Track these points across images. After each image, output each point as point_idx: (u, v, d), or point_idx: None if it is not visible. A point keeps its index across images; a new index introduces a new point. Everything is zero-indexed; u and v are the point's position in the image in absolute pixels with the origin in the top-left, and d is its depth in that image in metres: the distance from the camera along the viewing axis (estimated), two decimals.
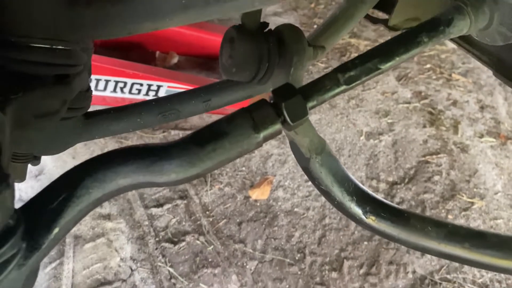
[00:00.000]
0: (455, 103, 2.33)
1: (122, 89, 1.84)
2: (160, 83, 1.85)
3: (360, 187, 0.69)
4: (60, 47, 0.52)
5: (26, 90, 0.50)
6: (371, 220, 0.69)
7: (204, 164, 0.50)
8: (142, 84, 1.84)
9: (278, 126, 0.52)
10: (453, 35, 0.58)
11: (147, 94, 1.87)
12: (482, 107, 2.34)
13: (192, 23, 0.51)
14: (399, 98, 2.28)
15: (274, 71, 0.62)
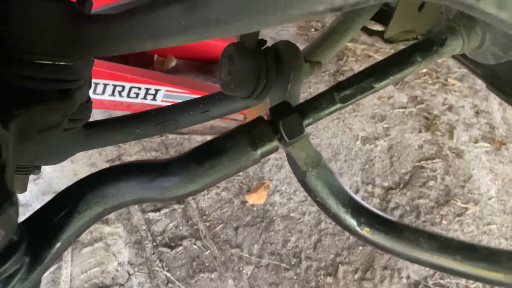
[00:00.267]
0: (450, 108, 2.35)
1: (120, 93, 1.84)
2: (158, 87, 1.85)
3: (355, 199, 0.70)
4: (62, 63, 0.53)
5: (29, 106, 0.51)
6: (365, 231, 0.70)
7: (202, 181, 0.51)
8: (140, 88, 1.85)
9: (275, 143, 0.53)
10: (446, 54, 0.60)
11: (145, 98, 1.87)
12: (477, 112, 2.36)
13: (193, 42, 0.52)
14: (395, 102, 2.30)
15: (271, 87, 0.63)
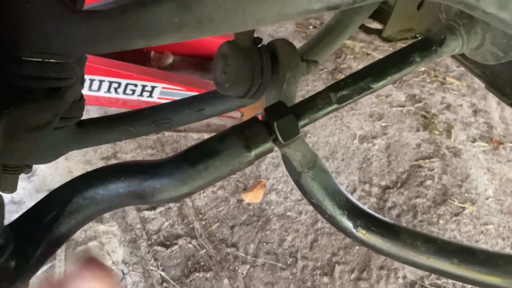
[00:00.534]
0: (448, 107, 2.34)
1: (116, 89, 1.82)
2: (154, 84, 1.84)
3: (352, 201, 0.69)
4: (52, 60, 0.52)
5: (18, 104, 0.50)
6: (361, 234, 0.69)
7: (195, 183, 0.50)
8: (136, 85, 1.83)
9: (269, 145, 0.52)
10: (445, 55, 0.58)
11: (141, 95, 1.86)
12: (475, 111, 2.35)
13: (186, 41, 0.51)
14: (393, 101, 2.29)
15: (267, 86, 0.62)
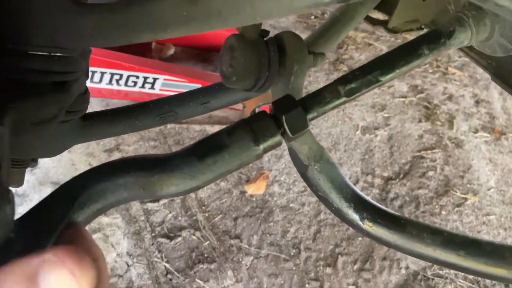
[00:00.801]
0: (450, 97, 2.33)
1: (118, 81, 1.82)
2: (156, 76, 1.83)
3: (358, 193, 0.69)
4: (58, 54, 0.52)
5: (24, 98, 0.50)
6: (368, 226, 0.69)
7: (204, 177, 0.50)
8: (138, 77, 1.82)
9: (278, 138, 0.51)
10: (454, 47, 0.58)
11: (143, 86, 1.85)
12: (478, 102, 2.35)
13: (194, 34, 0.50)
14: (396, 92, 2.28)
15: (274, 79, 0.61)
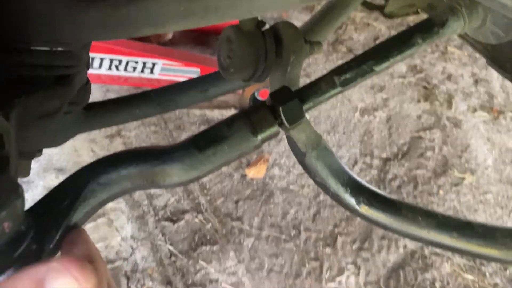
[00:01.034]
0: (449, 77, 2.33)
1: (117, 67, 1.82)
2: (155, 61, 1.84)
3: (354, 178, 0.71)
4: (60, 49, 0.53)
5: (28, 93, 0.51)
6: (364, 209, 0.71)
7: (204, 167, 0.52)
8: (137, 62, 1.83)
9: (275, 129, 0.53)
10: (447, 35, 0.59)
11: (142, 71, 1.86)
12: (477, 81, 2.35)
13: (192, 28, 0.51)
14: (394, 72, 2.28)
15: (271, 70, 0.62)
